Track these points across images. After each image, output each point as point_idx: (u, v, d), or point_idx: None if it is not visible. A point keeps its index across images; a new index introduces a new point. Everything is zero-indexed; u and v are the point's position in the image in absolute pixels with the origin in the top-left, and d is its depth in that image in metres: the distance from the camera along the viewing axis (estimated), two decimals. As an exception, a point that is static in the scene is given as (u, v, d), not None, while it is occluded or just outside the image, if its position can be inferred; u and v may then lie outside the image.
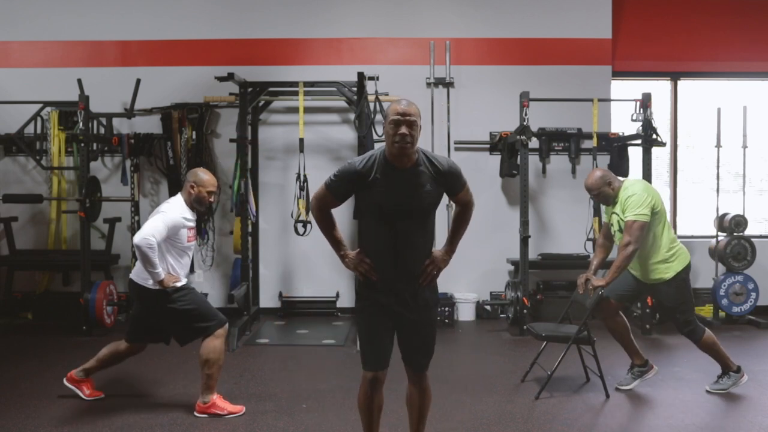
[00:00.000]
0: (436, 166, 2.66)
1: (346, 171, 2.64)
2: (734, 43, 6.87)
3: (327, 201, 2.72)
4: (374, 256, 2.70)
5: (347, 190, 2.67)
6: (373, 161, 2.63)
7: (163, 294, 3.67)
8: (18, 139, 6.26)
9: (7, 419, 3.65)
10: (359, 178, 2.61)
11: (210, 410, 3.70)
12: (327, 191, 2.70)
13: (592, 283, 4.05)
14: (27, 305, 6.40)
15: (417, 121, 2.57)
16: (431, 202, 2.66)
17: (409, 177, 2.61)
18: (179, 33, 6.68)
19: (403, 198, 2.60)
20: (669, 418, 3.73)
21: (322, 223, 2.78)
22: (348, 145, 6.63)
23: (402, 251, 2.65)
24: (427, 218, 2.70)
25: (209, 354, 3.66)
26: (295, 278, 6.71)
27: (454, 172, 2.71)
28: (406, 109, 2.56)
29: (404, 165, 2.60)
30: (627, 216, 3.97)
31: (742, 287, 6.18)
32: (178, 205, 3.75)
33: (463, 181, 2.76)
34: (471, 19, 6.73)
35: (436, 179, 2.65)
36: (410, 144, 2.55)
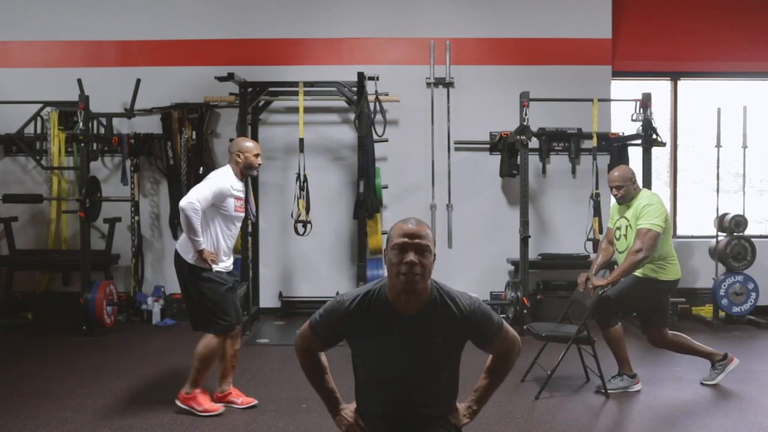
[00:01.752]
0: (453, 310, 2.00)
1: (333, 310, 2.07)
2: (734, 43, 6.88)
3: (312, 344, 2.14)
4: (369, 414, 2.14)
5: (335, 334, 2.09)
6: (369, 299, 2.02)
7: (196, 271, 3.65)
8: (18, 139, 6.26)
9: (7, 419, 3.65)
10: (348, 322, 2.04)
11: (188, 402, 3.71)
12: (310, 332, 2.12)
13: (593, 283, 4.06)
14: (27, 305, 6.41)
15: (430, 247, 1.94)
16: (445, 358, 2.05)
17: (416, 325, 1.99)
18: (179, 33, 6.68)
19: (405, 357, 2.00)
20: (669, 418, 3.74)
21: (307, 369, 2.19)
22: (348, 145, 6.63)
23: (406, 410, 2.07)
24: (439, 378, 2.07)
25: (202, 349, 3.67)
26: (295, 278, 6.71)
27: (480, 318, 2.03)
28: (415, 229, 1.94)
29: (410, 308, 1.98)
30: (642, 224, 3.99)
31: (742, 287, 6.18)
32: (227, 174, 3.76)
33: (498, 325, 2.08)
34: (471, 19, 6.73)
35: (453, 330, 2.01)
36: (420, 277, 1.92)
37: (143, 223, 6.60)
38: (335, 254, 6.68)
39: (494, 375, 2.20)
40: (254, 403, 3.87)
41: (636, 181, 4.18)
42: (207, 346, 3.67)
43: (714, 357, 4.30)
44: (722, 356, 4.29)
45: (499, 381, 2.21)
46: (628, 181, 4.13)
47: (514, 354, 2.16)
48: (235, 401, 3.86)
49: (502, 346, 2.13)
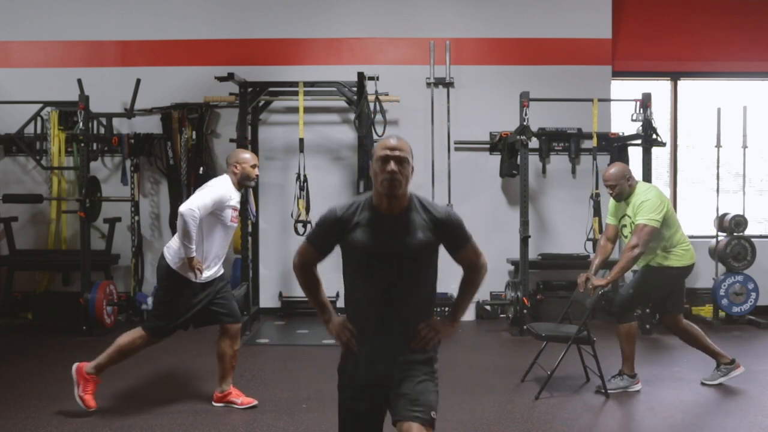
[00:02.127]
0: (431, 213, 2.27)
1: (326, 218, 2.32)
2: (734, 43, 6.88)
3: (309, 256, 2.40)
4: (358, 316, 2.33)
5: (328, 240, 2.34)
6: (356, 207, 2.29)
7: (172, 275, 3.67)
8: (18, 139, 6.26)
9: (7, 419, 3.65)
10: (340, 225, 2.28)
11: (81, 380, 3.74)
12: (308, 244, 2.38)
13: (593, 283, 4.07)
14: (27, 305, 6.40)
15: (408, 158, 2.23)
16: (422, 252, 2.27)
17: (397, 222, 2.25)
18: (179, 33, 6.68)
19: (388, 243, 2.23)
20: (669, 418, 3.73)
21: (305, 283, 2.47)
22: (348, 145, 6.63)
23: (387, 308, 2.26)
24: (418, 272, 2.29)
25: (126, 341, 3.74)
26: (295, 278, 6.67)
27: (454, 221, 2.30)
28: (395, 143, 2.23)
29: (393, 210, 2.24)
30: (639, 219, 4.01)
31: (742, 287, 6.18)
32: (225, 182, 3.79)
33: (467, 236, 2.34)
34: (471, 19, 6.73)
35: (431, 229, 2.26)
36: (399, 183, 2.19)
37: (143, 223, 6.59)
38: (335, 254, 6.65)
39: (464, 287, 2.46)
40: (254, 404, 3.87)
41: (631, 178, 4.17)
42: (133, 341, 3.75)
43: (721, 358, 4.29)
44: (730, 360, 4.29)
45: (470, 293, 2.46)
46: (621, 179, 4.13)
47: (480, 268, 2.42)
48: (235, 401, 3.86)
49: (470, 256, 2.38)
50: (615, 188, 4.15)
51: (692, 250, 4.19)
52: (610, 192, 4.20)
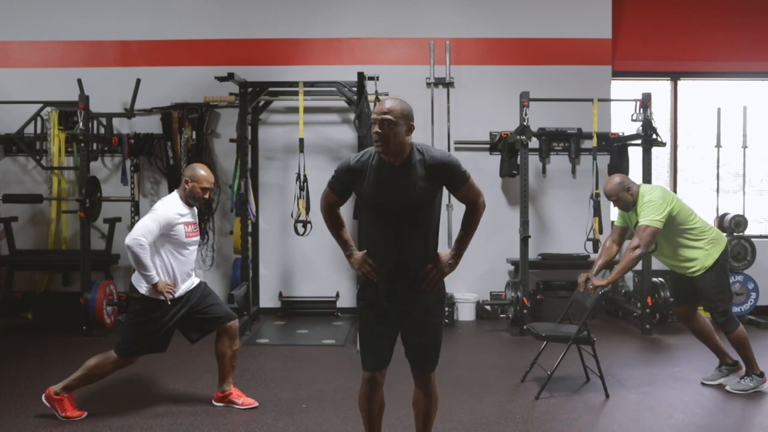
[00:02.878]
0: (428, 160, 2.55)
1: (342, 167, 2.63)
2: (734, 43, 6.88)
3: (331, 200, 2.71)
4: (373, 256, 2.65)
5: (345, 186, 2.65)
6: (367, 157, 2.59)
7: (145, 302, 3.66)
8: (18, 139, 6.26)
9: (7, 419, 3.65)
10: (353, 174, 2.59)
11: (52, 403, 3.69)
12: (329, 189, 2.70)
13: (593, 283, 4.06)
14: (27, 305, 6.40)
15: (395, 119, 2.48)
16: (424, 198, 2.56)
17: (400, 173, 2.54)
18: (179, 33, 6.68)
19: (393, 194, 2.54)
20: (669, 418, 3.73)
21: (330, 223, 2.77)
22: (348, 145, 6.63)
23: (399, 250, 2.58)
24: (423, 217, 2.60)
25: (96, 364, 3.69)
26: (295, 278, 6.71)
27: (449, 164, 2.56)
28: (384, 107, 2.50)
29: (395, 161, 2.54)
30: (641, 221, 4.00)
31: (742, 287, 6.18)
32: (170, 201, 3.75)
33: (465, 176, 2.60)
34: (471, 19, 6.73)
35: (430, 174, 2.54)
36: (385, 143, 2.48)
37: (143, 223, 6.59)
38: (335, 254, 6.65)
39: (466, 223, 2.73)
40: (255, 405, 3.87)
41: (631, 187, 4.13)
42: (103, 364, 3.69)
43: (726, 359, 4.29)
44: (733, 362, 4.28)
45: (471, 229, 2.73)
46: (620, 191, 4.11)
47: (479, 204, 2.68)
48: (236, 402, 3.86)
49: (469, 194, 2.64)
50: (618, 201, 4.15)
51: (718, 231, 4.20)
52: (615, 206, 4.21)
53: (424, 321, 2.70)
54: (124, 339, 3.70)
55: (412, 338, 2.72)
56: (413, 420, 2.94)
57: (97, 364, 3.70)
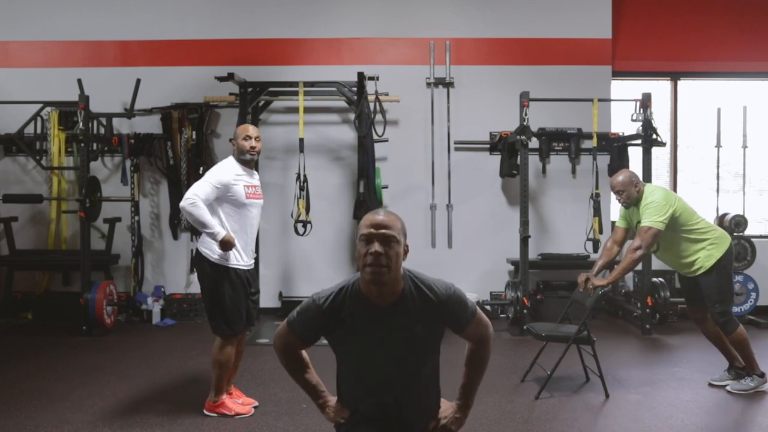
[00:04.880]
0: (429, 297, 1.99)
1: (308, 309, 2.04)
2: (734, 43, 6.88)
3: (289, 341, 2.12)
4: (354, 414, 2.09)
5: (312, 332, 2.07)
6: (343, 295, 1.99)
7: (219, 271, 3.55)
8: (18, 139, 6.26)
9: (7, 419, 3.65)
10: (326, 318, 2.01)
11: (218, 410, 3.70)
12: (288, 330, 2.09)
13: (593, 283, 4.06)
14: (27, 305, 6.40)
15: (397, 237, 1.91)
16: (425, 348, 2.03)
17: (391, 317, 1.96)
18: (179, 33, 6.68)
19: (382, 347, 1.97)
20: (669, 418, 3.73)
21: (288, 368, 2.18)
22: (348, 145, 6.63)
23: (390, 414, 2.04)
24: (421, 369, 2.06)
25: (219, 356, 3.64)
26: (295, 278, 6.71)
27: (456, 300, 2.02)
28: (381, 219, 1.92)
29: (385, 300, 1.96)
30: (643, 221, 4.01)
31: (742, 287, 6.18)
32: (226, 163, 3.68)
33: (472, 311, 2.08)
34: (471, 19, 6.73)
35: (430, 317, 1.99)
36: (386, 269, 1.89)
37: (143, 223, 6.60)
38: (335, 254, 6.68)
39: (474, 365, 2.18)
40: (254, 405, 3.87)
41: (638, 183, 4.15)
42: (220, 352, 3.64)
43: (736, 362, 4.27)
44: (743, 366, 4.27)
45: (480, 370, 2.18)
46: (629, 185, 4.12)
47: (488, 339, 2.16)
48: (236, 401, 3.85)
49: (476, 332, 2.12)
50: (623, 194, 4.14)
51: (723, 232, 4.18)
52: (619, 199, 4.19)
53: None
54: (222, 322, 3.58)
55: None
56: None
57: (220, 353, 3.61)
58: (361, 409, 2.07)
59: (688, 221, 4.09)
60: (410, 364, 2.02)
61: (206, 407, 3.73)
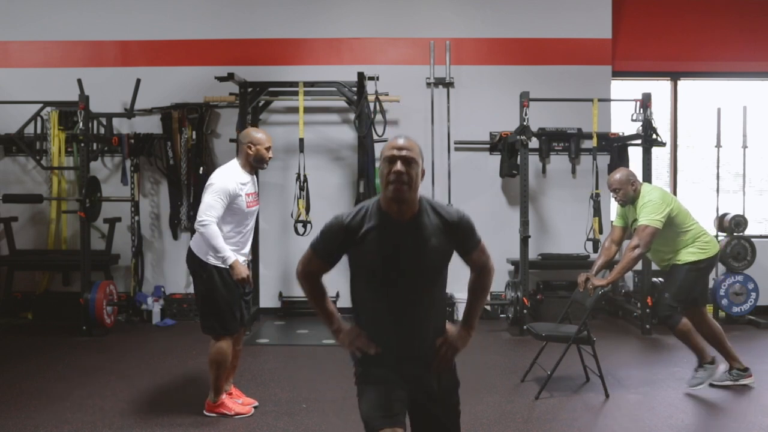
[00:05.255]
0: (444, 217, 2.17)
1: (332, 226, 2.19)
2: (734, 43, 6.87)
3: (314, 266, 2.27)
4: (370, 331, 2.21)
5: (335, 250, 2.21)
6: (364, 213, 2.16)
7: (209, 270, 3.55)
8: (18, 139, 6.26)
9: (7, 419, 3.65)
10: (348, 234, 2.15)
11: (218, 410, 3.70)
12: (312, 253, 2.25)
13: (593, 283, 4.07)
14: (27, 305, 6.40)
15: (416, 159, 2.11)
16: (438, 260, 2.19)
17: (409, 230, 2.14)
18: (179, 33, 6.68)
19: (402, 256, 2.13)
20: (669, 418, 3.73)
21: (309, 293, 2.33)
22: (348, 145, 6.63)
23: (404, 324, 2.18)
24: (435, 282, 2.22)
25: (215, 356, 3.64)
26: (294, 278, 6.67)
27: (465, 224, 2.21)
28: (402, 143, 2.11)
29: (403, 216, 2.13)
30: (640, 220, 4.02)
31: (742, 287, 6.18)
32: (230, 170, 3.59)
33: (477, 238, 2.27)
34: (471, 19, 6.73)
35: (444, 233, 2.17)
36: (407, 186, 2.07)
37: (143, 223, 6.59)
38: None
39: (476, 292, 2.37)
40: (254, 404, 3.87)
41: (635, 182, 4.17)
42: (217, 352, 3.63)
43: (735, 363, 4.27)
44: (744, 368, 4.28)
45: (482, 297, 2.38)
46: (625, 184, 4.14)
47: (490, 269, 2.35)
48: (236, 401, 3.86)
49: (480, 259, 2.30)
50: (619, 192, 4.16)
51: (713, 240, 4.23)
52: (615, 197, 4.21)
53: (440, 408, 2.25)
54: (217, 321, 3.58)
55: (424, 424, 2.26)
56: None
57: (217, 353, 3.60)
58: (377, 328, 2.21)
59: (684, 223, 4.12)
60: (423, 278, 2.18)
61: (206, 407, 3.73)
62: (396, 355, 2.19)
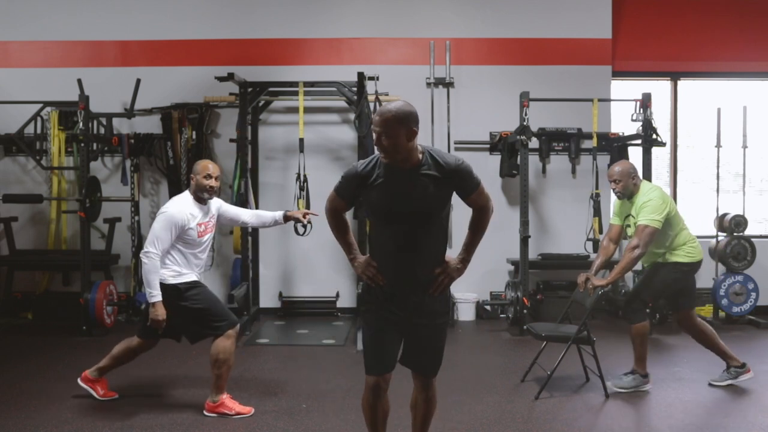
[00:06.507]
0: (442, 165, 2.55)
1: (350, 173, 2.62)
2: (734, 43, 6.87)
3: (337, 204, 2.70)
4: (381, 261, 2.62)
5: (352, 192, 2.64)
6: (374, 163, 2.58)
7: (176, 291, 3.65)
8: (18, 139, 6.26)
9: (7, 419, 3.65)
10: (361, 180, 2.57)
11: (218, 410, 3.70)
12: (335, 194, 2.69)
13: (593, 283, 4.07)
14: (27, 305, 6.40)
15: (395, 130, 2.48)
16: (435, 204, 2.56)
17: (410, 178, 2.52)
18: (179, 33, 6.68)
19: (404, 199, 2.52)
20: (669, 418, 3.73)
21: (335, 227, 2.75)
22: (348, 145, 6.63)
23: (408, 256, 2.56)
24: (434, 222, 2.59)
25: (219, 354, 3.65)
26: (295, 278, 6.71)
27: (462, 170, 2.58)
28: (379, 117, 2.51)
29: (405, 166, 2.53)
30: (640, 220, 4.01)
31: (742, 287, 6.18)
32: (181, 202, 3.70)
33: (476, 182, 2.66)
34: (471, 19, 6.73)
35: (442, 180, 2.54)
36: (391, 153, 2.50)
37: (143, 223, 6.59)
38: (335, 254, 6.65)
39: (474, 228, 2.76)
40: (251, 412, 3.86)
41: (636, 177, 4.16)
42: (222, 350, 3.66)
43: (731, 360, 4.27)
44: (741, 363, 4.27)
45: (480, 233, 2.77)
46: (626, 176, 4.12)
47: (488, 209, 2.76)
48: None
49: (479, 201, 2.71)
50: (619, 184, 4.14)
51: (699, 247, 4.22)
52: (614, 188, 4.17)
53: (430, 326, 2.66)
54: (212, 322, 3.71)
55: (417, 343, 2.69)
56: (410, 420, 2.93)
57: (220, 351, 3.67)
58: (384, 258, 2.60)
59: (677, 225, 4.13)
60: (422, 217, 2.55)
61: (206, 408, 3.73)
62: (398, 283, 2.58)
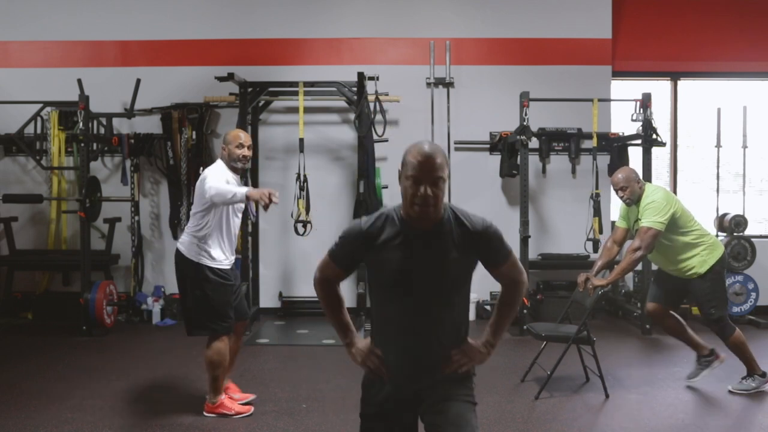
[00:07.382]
0: (467, 227, 2.05)
1: (351, 232, 2.10)
2: (734, 43, 6.87)
3: (329, 273, 2.20)
4: (386, 342, 2.12)
5: (353, 256, 2.13)
6: (383, 220, 2.06)
7: (201, 271, 3.57)
8: (18, 139, 6.26)
9: (7, 419, 3.65)
10: (366, 240, 2.06)
11: (218, 410, 3.70)
12: (329, 260, 2.18)
13: (593, 283, 4.06)
14: (27, 305, 6.40)
15: (444, 177, 1.97)
16: (458, 274, 2.07)
17: (430, 240, 2.03)
18: (179, 33, 6.68)
19: (420, 267, 2.02)
20: (669, 418, 3.73)
21: (325, 301, 2.24)
22: (348, 145, 6.63)
23: (416, 337, 2.07)
24: (454, 296, 2.10)
25: (213, 356, 3.64)
26: (295, 278, 6.71)
27: (492, 235, 2.08)
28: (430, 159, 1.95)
29: (425, 226, 2.02)
30: (643, 222, 4.00)
31: (742, 287, 6.18)
32: (217, 167, 3.64)
33: (507, 250, 2.12)
34: (471, 19, 6.73)
35: (467, 245, 2.05)
36: (434, 208, 1.96)
37: (143, 223, 6.60)
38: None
39: (506, 306, 2.21)
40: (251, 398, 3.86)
41: (639, 180, 4.15)
42: (216, 352, 3.63)
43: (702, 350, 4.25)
44: (710, 351, 4.24)
45: (511, 312, 2.22)
46: (632, 182, 4.10)
47: (521, 284, 2.18)
48: (233, 396, 3.85)
49: (511, 273, 2.15)
50: (626, 190, 4.10)
51: (716, 238, 4.20)
52: (622, 195, 4.14)
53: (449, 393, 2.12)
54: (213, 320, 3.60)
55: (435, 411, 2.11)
56: None
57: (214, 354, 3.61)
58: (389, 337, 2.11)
59: (686, 224, 4.09)
60: (440, 290, 2.06)
61: (205, 409, 3.73)
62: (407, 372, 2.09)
